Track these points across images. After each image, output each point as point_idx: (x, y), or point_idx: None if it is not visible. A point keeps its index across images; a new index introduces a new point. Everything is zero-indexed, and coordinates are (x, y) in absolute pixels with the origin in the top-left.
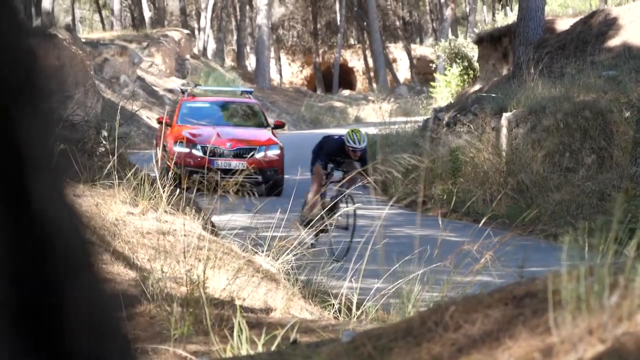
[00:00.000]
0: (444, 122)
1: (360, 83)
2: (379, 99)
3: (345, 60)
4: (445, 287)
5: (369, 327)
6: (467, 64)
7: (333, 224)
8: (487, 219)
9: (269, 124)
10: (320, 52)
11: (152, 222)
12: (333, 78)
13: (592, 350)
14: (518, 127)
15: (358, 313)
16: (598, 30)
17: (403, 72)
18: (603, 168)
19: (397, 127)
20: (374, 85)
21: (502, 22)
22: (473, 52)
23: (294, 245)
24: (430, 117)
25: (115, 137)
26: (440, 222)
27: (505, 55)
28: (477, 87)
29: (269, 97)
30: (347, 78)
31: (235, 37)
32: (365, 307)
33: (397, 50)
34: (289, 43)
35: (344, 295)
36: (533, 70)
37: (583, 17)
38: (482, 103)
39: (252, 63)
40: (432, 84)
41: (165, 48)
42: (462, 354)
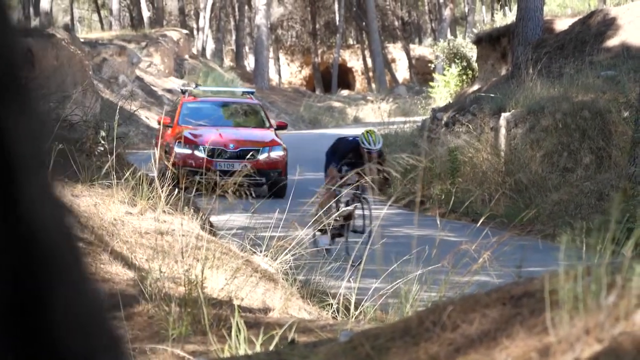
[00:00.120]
0: (443, 122)
1: (359, 83)
2: (378, 99)
3: (344, 61)
4: (444, 287)
5: (367, 327)
6: (465, 64)
7: (349, 228)
8: (485, 219)
9: (272, 125)
10: (319, 52)
11: (150, 222)
12: (332, 78)
13: (589, 350)
14: (517, 127)
15: (356, 313)
16: (597, 31)
17: (402, 72)
18: (601, 168)
19: (395, 127)
20: (373, 86)
21: (500, 22)
22: (472, 52)
23: (293, 245)
24: (429, 117)
25: (114, 137)
26: (439, 222)
27: (504, 56)
28: (475, 87)
29: (268, 97)
30: (346, 78)
31: (234, 37)
32: (364, 307)
33: (396, 51)
34: (288, 43)
35: (342, 295)
36: (532, 71)
37: (582, 17)
38: (480, 103)
39: (250, 63)
40: (430, 84)
41: (164, 48)
42: (459, 354)
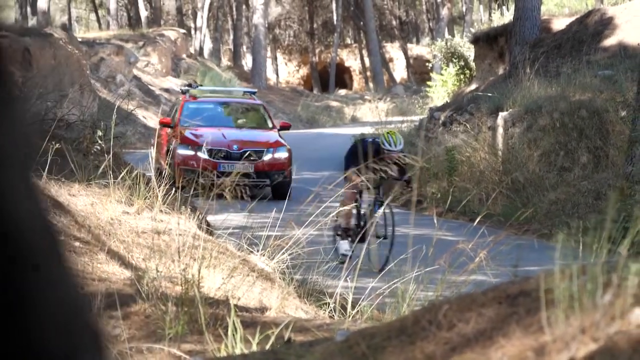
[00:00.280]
0: (440, 121)
1: (357, 82)
2: (376, 99)
3: (342, 60)
4: (440, 286)
5: (363, 326)
6: (463, 64)
7: (370, 234)
8: (482, 218)
9: (275, 126)
10: (317, 51)
11: (147, 221)
12: (329, 77)
13: (584, 349)
14: (514, 126)
15: (353, 312)
16: (594, 30)
17: (399, 71)
18: (599, 167)
19: (393, 126)
20: (371, 85)
21: (498, 21)
22: (469, 51)
23: (290, 245)
24: (427, 116)
25: (111, 136)
26: (436, 221)
27: (502, 55)
28: (473, 86)
29: (266, 96)
30: (343, 78)
31: (232, 36)
32: (361, 306)
33: (393, 50)
34: (286, 42)
35: (339, 295)
36: (529, 70)
37: (579, 16)
38: (478, 102)
39: (248, 63)
40: (428, 84)
41: (162, 47)
42: (455, 353)
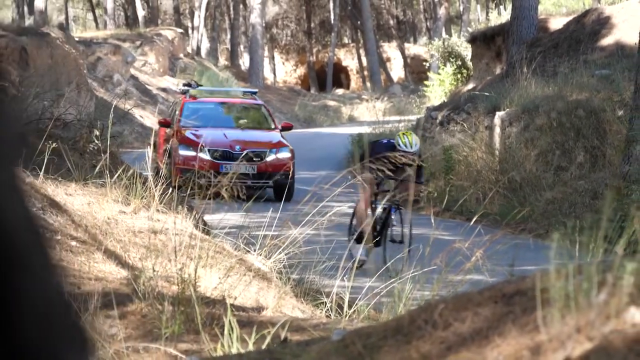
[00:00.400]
0: (438, 121)
1: (354, 82)
2: (373, 98)
3: (339, 59)
4: (437, 285)
5: (360, 325)
6: (460, 63)
7: (386, 238)
8: (479, 217)
9: (277, 126)
10: (314, 51)
11: (144, 220)
12: (327, 77)
13: (580, 348)
14: (511, 126)
15: (350, 312)
16: (591, 29)
17: (397, 71)
18: (596, 167)
19: (390, 126)
20: (368, 84)
21: (495, 21)
22: (466, 51)
23: (286, 244)
24: (424, 116)
25: (108, 135)
26: (433, 220)
27: (499, 54)
28: (470, 86)
29: (263, 96)
30: (340, 77)
31: (229, 36)
32: (358, 306)
33: (390, 50)
34: (283, 42)
35: (336, 294)
36: (526, 69)
37: (576, 16)
38: (475, 102)
39: (245, 62)
40: (425, 83)
41: (159, 47)
42: (451, 352)
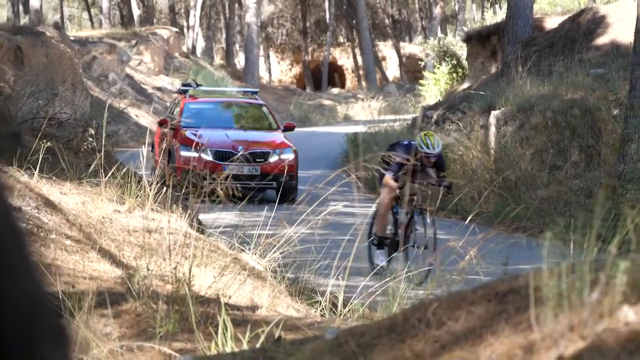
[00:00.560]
0: (433, 120)
1: (350, 81)
2: (368, 97)
3: (335, 59)
4: (431, 284)
5: (354, 324)
6: (456, 62)
7: (408, 243)
8: (474, 216)
9: (279, 126)
10: (310, 50)
11: (138, 220)
12: (322, 76)
13: (573, 347)
14: (506, 125)
15: (345, 311)
16: (586, 29)
17: (392, 70)
18: (591, 166)
19: (385, 125)
20: (363, 84)
21: (491, 20)
22: (462, 50)
23: (281, 243)
24: (419, 115)
25: (102, 134)
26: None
27: (494, 54)
28: (465, 85)
29: (259, 95)
30: (336, 76)
31: (224, 35)
32: (352, 305)
33: (386, 49)
34: (278, 41)
35: (331, 293)
36: (521, 69)
37: (571, 15)
38: (470, 101)
39: (241, 61)
40: (421, 82)
41: (154, 46)
42: (444, 351)
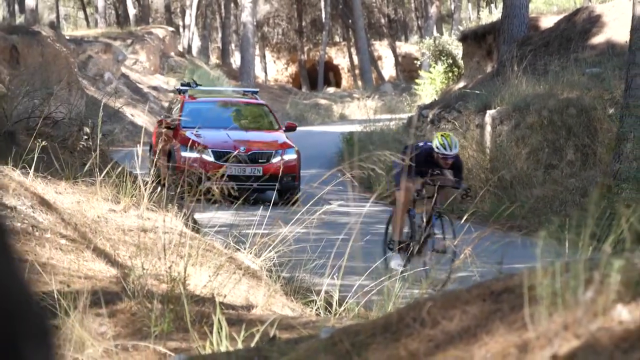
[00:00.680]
0: (429, 119)
1: (345, 80)
2: (364, 97)
3: (330, 58)
4: (425, 283)
5: (348, 323)
6: (451, 62)
7: (427, 247)
8: (469, 216)
9: (281, 126)
10: (305, 49)
11: (133, 219)
12: (318, 75)
13: (567, 346)
14: (502, 124)
15: (340, 310)
16: (582, 28)
17: (388, 69)
18: (586, 165)
19: (381, 124)
20: (359, 83)
21: (486, 19)
22: (457, 49)
23: (277, 242)
24: (415, 114)
25: (98, 133)
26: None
27: (490, 53)
28: (461, 84)
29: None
30: (332, 76)
31: (220, 34)
32: (348, 304)
33: (382, 48)
34: (274, 41)
35: (326, 292)
36: (517, 68)
37: (567, 14)
38: (466, 100)
39: (237, 60)
40: (416, 82)
41: (150, 45)
42: (439, 350)
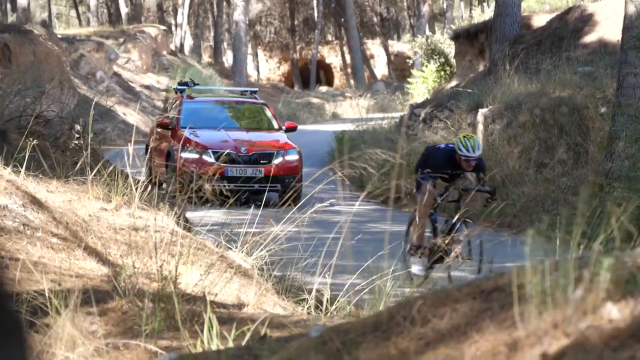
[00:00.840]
0: (421, 118)
1: (338, 79)
2: (356, 95)
3: (323, 57)
4: (416, 282)
5: (339, 322)
6: (443, 60)
7: (451, 254)
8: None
9: (281, 127)
10: (298, 48)
11: (125, 218)
12: (310, 74)
13: (556, 344)
14: (494, 123)
15: (332, 309)
16: (574, 27)
17: (380, 68)
18: (578, 163)
19: (374, 123)
20: (352, 82)
21: (478, 18)
22: (450, 48)
23: (268, 241)
24: (407, 113)
25: (89, 132)
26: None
27: (482, 52)
28: (453, 83)
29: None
30: (324, 74)
31: (212, 33)
32: (339, 303)
33: (374, 47)
34: (267, 39)
35: (318, 291)
36: (509, 67)
37: (559, 13)
38: (458, 99)
39: (229, 59)
40: (409, 80)
41: (142, 44)
42: (429, 348)
